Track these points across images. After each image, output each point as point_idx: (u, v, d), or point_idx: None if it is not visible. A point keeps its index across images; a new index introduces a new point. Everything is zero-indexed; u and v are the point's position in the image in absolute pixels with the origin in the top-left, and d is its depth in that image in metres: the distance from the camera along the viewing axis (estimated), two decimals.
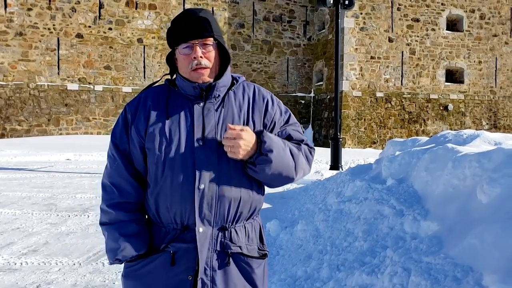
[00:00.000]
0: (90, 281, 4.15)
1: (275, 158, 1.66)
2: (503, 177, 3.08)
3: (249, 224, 1.76)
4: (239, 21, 23.20)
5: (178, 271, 1.67)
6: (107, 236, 1.73)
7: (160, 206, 1.68)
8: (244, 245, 1.73)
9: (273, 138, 1.68)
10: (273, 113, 1.80)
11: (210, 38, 1.69)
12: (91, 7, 20.92)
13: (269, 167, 1.67)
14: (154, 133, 1.68)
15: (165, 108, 1.71)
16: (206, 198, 1.65)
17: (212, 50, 1.71)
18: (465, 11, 23.12)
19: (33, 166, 12.62)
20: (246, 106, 1.77)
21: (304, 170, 1.79)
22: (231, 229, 1.70)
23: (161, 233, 1.70)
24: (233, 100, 1.76)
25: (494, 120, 23.80)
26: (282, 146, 1.70)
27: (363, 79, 21.80)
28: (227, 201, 1.68)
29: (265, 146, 1.65)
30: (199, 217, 1.64)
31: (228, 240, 1.69)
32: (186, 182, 1.64)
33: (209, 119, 1.69)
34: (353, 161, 14.00)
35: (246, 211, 1.73)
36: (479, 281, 2.46)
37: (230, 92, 1.77)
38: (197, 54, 1.68)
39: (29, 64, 20.10)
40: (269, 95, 1.84)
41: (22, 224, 6.17)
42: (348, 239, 4.21)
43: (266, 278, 1.82)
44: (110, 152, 1.77)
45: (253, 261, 1.74)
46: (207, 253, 1.66)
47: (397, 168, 5.17)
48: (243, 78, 1.85)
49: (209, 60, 1.70)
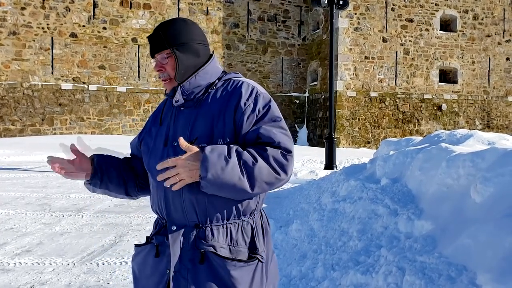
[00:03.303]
0: (84, 281, 4.13)
1: (210, 181, 1.56)
2: (497, 177, 3.10)
3: (234, 225, 1.70)
4: (233, 21, 23.18)
5: (161, 263, 1.73)
6: None
7: (151, 200, 1.85)
8: (222, 246, 1.67)
9: (210, 158, 1.56)
10: (244, 108, 1.67)
11: (165, 50, 1.76)
12: (85, 6, 20.83)
13: (210, 189, 1.59)
14: (143, 138, 1.90)
15: (160, 115, 1.88)
16: (173, 197, 1.70)
17: (168, 61, 1.77)
18: (458, 11, 23.22)
19: (27, 166, 12.55)
20: (220, 103, 1.71)
21: (268, 181, 1.61)
22: (206, 228, 1.68)
23: (157, 224, 1.83)
24: (210, 99, 1.74)
25: (487, 120, 23.93)
26: (221, 165, 1.56)
27: (357, 79, 21.85)
28: (195, 200, 1.67)
29: (202, 169, 1.56)
30: (169, 215, 1.73)
31: (202, 238, 1.68)
32: (159, 182, 1.70)
33: (180, 121, 1.77)
34: (347, 161, 14.02)
35: (226, 211, 1.69)
36: (473, 280, 2.47)
37: (210, 91, 1.76)
38: (156, 68, 1.80)
39: (22, 63, 19.99)
40: (250, 89, 1.71)
41: (16, 224, 6.14)
42: (342, 239, 4.22)
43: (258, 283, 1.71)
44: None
45: (229, 262, 1.66)
46: (179, 250, 1.69)
47: (391, 168, 5.18)
48: (233, 75, 1.81)
49: (167, 70, 1.78)
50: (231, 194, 1.63)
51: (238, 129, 1.67)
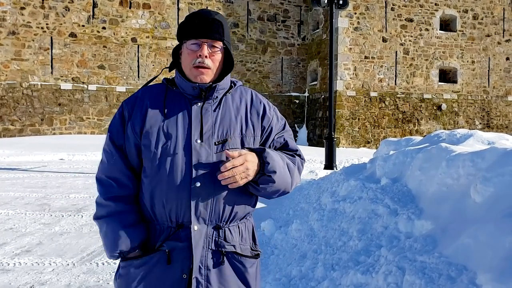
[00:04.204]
0: (84, 281, 4.13)
1: (277, 178, 1.70)
2: (497, 177, 3.09)
3: (243, 224, 1.78)
4: (233, 21, 23.18)
5: (174, 270, 1.67)
6: (106, 228, 1.71)
7: (156, 202, 1.68)
8: (238, 245, 1.74)
9: (274, 158, 1.70)
10: (271, 117, 1.83)
11: (219, 42, 1.72)
12: (84, 6, 20.82)
13: (271, 187, 1.71)
14: (151, 131, 1.69)
15: (163, 106, 1.72)
16: (202, 197, 1.65)
17: (218, 53, 1.73)
18: (458, 11, 23.22)
19: (26, 166, 12.55)
20: (243, 109, 1.79)
21: (297, 183, 1.85)
22: (225, 228, 1.71)
23: (156, 231, 1.70)
24: (230, 102, 1.78)
25: (487, 119, 23.93)
26: (282, 165, 1.73)
27: (357, 78, 21.85)
28: (222, 200, 1.69)
29: (269, 167, 1.68)
30: (194, 215, 1.65)
31: (222, 239, 1.70)
32: (182, 180, 1.65)
33: (207, 119, 1.71)
34: (347, 161, 14.03)
35: (241, 211, 1.75)
36: (473, 280, 2.47)
37: (228, 95, 1.79)
38: (203, 52, 1.69)
39: (22, 63, 19.98)
40: (265, 101, 1.87)
41: (15, 224, 6.13)
42: (342, 239, 4.22)
43: (259, 277, 1.84)
44: (107, 147, 1.77)
45: (246, 260, 1.76)
46: (201, 252, 1.66)
47: (391, 168, 5.18)
48: (240, 83, 1.88)
49: (213, 62, 1.72)
50: (276, 193, 1.76)
51: (266, 135, 1.82)
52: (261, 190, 1.71)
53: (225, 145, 1.70)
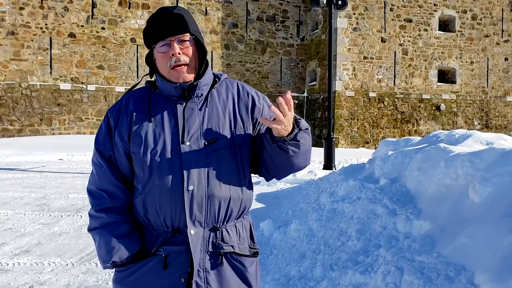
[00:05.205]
0: (83, 281, 4.13)
1: (305, 142, 1.66)
2: (495, 177, 3.10)
3: (240, 223, 1.75)
4: (232, 21, 23.18)
5: (171, 274, 1.65)
6: (98, 240, 1.70)
7: (149, 209, 1.66)
8: (236, 244, 1.72)
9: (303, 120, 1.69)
10: (261, 107, 1.78)
11: (186, 34, 1.66)
12: (83, 6, 20.82)
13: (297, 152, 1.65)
14: (137, 137, 1.66)
15: (148, 111, 1.69)
16: (196, 200, 1.63)
17: (189, 46, 1.67)
18: (457, 11, 23.25)
19: (25, 166, 12.54)
20: (231, 104, 1.75)
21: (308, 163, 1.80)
22: (222, 229, 1.69)
23: (151, 236, 1.69)
24: (217, 98, 1.74)
25: (485, 120, 23.96)
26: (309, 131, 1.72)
27: (356, 79, 21.86)
28: (217, 201, 1.66)
29: (302, 123, 1.66)
30: (190, 219, 1.63)
31: (220, 240, 1.68)
32: (174, 184, 1.62)
33: (193, 119, 1.68)
34: (346, 161, 14.04)
35: (236, 210, 1.72)
36: (471, 279, 2.48)
37: (213, 90, 1.75)
38: (175, 50, 1.64)
39: (21, 63, 19.97)
40: (253, 91, 1.81)
41: (14, 225, 6.13)
42: (341, 239, 4.22)
43: (259, 276, 1.82)
44: (95, 159, 1.74)
45: (246, 259, 1.73)
46: (199, 255, 1.65)
47: (390, 168, 5.19)
48: (225, 76, 1.82)
49: (187, 55, 1.67)
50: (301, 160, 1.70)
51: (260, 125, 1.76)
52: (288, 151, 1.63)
53: (214, 145, 1.67)
